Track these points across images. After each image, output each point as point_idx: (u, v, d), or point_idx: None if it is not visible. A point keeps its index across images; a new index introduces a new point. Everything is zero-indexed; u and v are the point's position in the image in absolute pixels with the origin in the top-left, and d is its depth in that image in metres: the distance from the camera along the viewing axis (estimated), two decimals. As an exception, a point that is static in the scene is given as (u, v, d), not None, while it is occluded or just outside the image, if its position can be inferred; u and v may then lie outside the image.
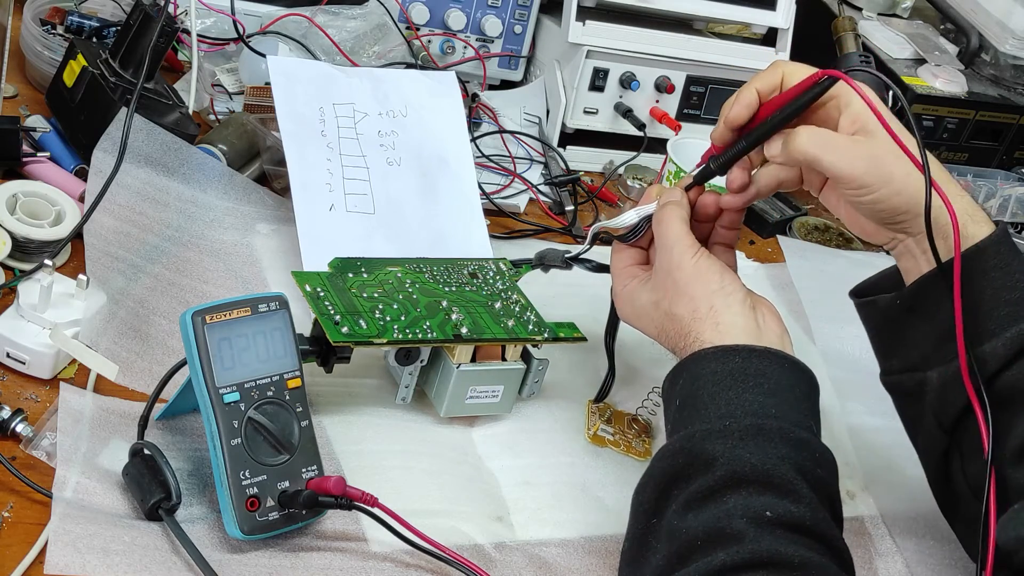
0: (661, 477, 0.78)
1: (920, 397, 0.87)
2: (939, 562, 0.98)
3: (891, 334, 0.90)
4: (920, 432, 0.89)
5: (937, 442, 0.87)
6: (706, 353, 0.82)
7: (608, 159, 1.40)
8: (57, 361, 0.88)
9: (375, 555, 0.83)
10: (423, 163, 1.14)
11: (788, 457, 0.75)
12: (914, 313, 0.87)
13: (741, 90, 0.89)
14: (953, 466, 0.87)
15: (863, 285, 0.94)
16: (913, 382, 0.88)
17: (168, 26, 1.06)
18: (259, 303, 0.82)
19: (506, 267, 1.02)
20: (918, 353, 0.87)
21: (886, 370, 0.92)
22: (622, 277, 0.92)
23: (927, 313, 0.86)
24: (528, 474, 0.94)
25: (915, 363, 0.88)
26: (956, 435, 0.86)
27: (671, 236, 0.87)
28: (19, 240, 0.96)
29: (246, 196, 1.11)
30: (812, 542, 0.72)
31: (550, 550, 0.88)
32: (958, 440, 0.86)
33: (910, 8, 1.69)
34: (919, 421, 0.89)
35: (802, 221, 1.42)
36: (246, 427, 0.80)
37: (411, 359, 0.93)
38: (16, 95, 1.17)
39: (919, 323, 0.87)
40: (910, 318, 0.88)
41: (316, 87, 1.12)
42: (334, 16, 1.30)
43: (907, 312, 0.88)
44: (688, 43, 1.38)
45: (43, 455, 0.82)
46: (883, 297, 0.90)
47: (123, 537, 0.77)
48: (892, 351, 0.91)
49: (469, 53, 1.40)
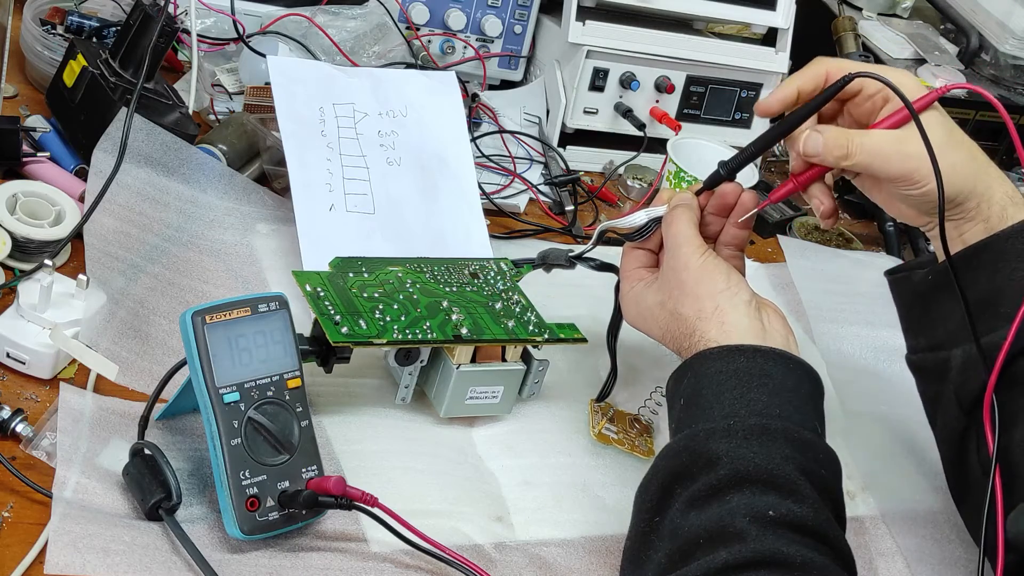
0: (664, 475, 0.78)
1: (943, 376, 0.88)
2: (939, 562, 0.98)
3: (921, 310, 0.91)
4: (939, 411, 0.90)
5: (956, 422, 0.88)
6: (711, 352, 0.82)
7: (608, 159, 1.39)
8: (57, 361, 0.88)
9: (375, 555, 0.83)
10: (423, 163, 1.14)
11: (792, 457, 0.75)
12: (944, 291, 0.88)
13: (783, 84, 0.89)
14: (969, 447, 0.87)
15: (900, 267, 0.96)
16: (937, 360, 0.89)
17: (168, 26, 1.06)
18: (259, 303, 0.82)
19: (507, 267, 1.02)
20: (944, 331, 0.88)
21: (912, 348, 0.93)
22: (630, 279, 0.92)
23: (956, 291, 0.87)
24: (528, 474, 0.94)
25: (941, 341, 0.89)
26: (975, 415, 0.86)
27: (679, 236, 0.88)
28: (19, 240, 0.96)
29: (246, 196, 1.10)
30: (815, 542, 0.72)
31: (550, 550, 0.88)
32: (977, 420, 0.86)
33: (910, 8, 1.69)
34: (939, 400, 0.89)
35: (802, 221, 1.41)
36: (246, 427, 0.80)
37: (411, 359, 0.93)
38: (16, 95, 1.17)
39: (948, 301, 0.88)
40: (940, 295, 0.88)
41: (316, 87, 1.12)
42: (334, 16, 1.30)
43: (937, 289, 0.89)
44: (688, 43, 1.38)
45: (43, 455, 0.82)
46: (917, 272, 0.92)
47: (123, 537, 0.77)
48: (920, 329, 0.92)
49: (469, 53, 1.40)
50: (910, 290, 0.92)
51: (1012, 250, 0.84)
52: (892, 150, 0.85)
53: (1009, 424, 0.83)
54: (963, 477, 0.89)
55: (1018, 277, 0.84)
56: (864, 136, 0.86)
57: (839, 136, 0.86)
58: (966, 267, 0.86)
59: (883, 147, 0.85)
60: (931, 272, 0.90)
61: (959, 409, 0.87)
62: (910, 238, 1.42)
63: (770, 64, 1.41)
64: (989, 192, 0.86)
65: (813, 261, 1.33)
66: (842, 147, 0.86)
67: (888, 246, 1.41)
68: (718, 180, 0.91)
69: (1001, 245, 0.84)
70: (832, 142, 0.86)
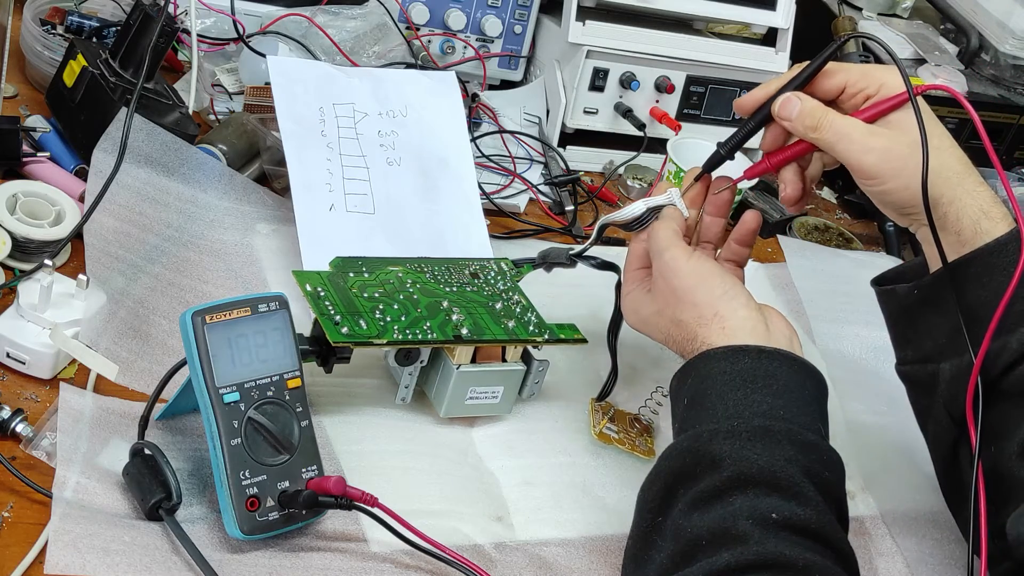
0: (667, 476, 0.78)
1: (932, 388, 0.88)
2: (939, 562, 0.98)
3: (908, 324, 0.91)
4: (931, 422, 0.90)
5: (947, 433, 0.87)
6: (715, 353, 0.82)
7: (608, 159, 1.39)
8: (57, 361, 0.88)
9: (375, 555, 0.83)
10: (423, 163, 1.14)
11: (795, 459, 0.75)
12: (930, 305, 0.88)
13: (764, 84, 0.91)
14: (962, 458, 0.87)
15: (888, 274, 0.95)
16: (926, 373, 0.89)
17: (168, 26, 1.06)
18: (259, 303, 0.82)
19: (508, 267, 1.02)
20: (932, 344, 0.88)
21: (901, 360, 0.93)
22: (630, 280, 0.92)
23: (942, 306, 0.87)
24: (528, 474, 0.94)
25: (929, 354, 0.88)
26: (966, 426, 0.86)
27: (661, 241, 0.88)
28: (19, 240, 0.96)
29: (246, 196, 1.10)
30: (817, 545, 0.72)
31: (550, 550, 0.88)
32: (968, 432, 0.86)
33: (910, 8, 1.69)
34: (930, 411, 0.89)
35: (802, 221, 1.42)
36: (246, 427, 0.80)
37: (411, 359, 0.93)
38: (16, 95, 1.17)
39: (934, 315, 0.88)
40: (926, 309, 0.88)
41: (316, 87, 1.12)
42: (334, 16, 1.30)
43: (923, 303, 0.88)
44: (688, 43, 1.38)
45: (43, 455, 0.82)
46: (902, 287, 0.91)
47: (123, 537, 0.77)
48: (907, 341, 0.92)
49: (469, 53, 1.40)
50: (896, 303, 0.92)
51: (997, 264, 0.84)
52: (858, 138, 0.85)
53: (1000, 436, 0.83)
54: (958, 488, 0.89)
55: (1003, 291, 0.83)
56: (838, 117, 0.86)
57: (815, 109, 0.87)
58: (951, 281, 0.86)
59: (851, 132, 0.85)
60: (916, 287, 0.89)
61: (950, 421, 0.87)
62: (910, 238, 1.42)
63: (770, 64, 1.41)
64: (958, 203, 0.85)
65: (813, 261, 1.33)
66: (815, 119, 0.86)
67: (888, 246, 1.41)
68: (718, 161, 0.92)
69: (986, 259, 0.84)
70: (806, 112, 0.87)
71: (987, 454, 0.83)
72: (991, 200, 0.86)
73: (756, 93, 0.91)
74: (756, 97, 0.90)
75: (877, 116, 0.86)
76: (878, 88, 0.87)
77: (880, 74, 0.87)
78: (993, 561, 0.81)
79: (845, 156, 0.86)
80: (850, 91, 0.88)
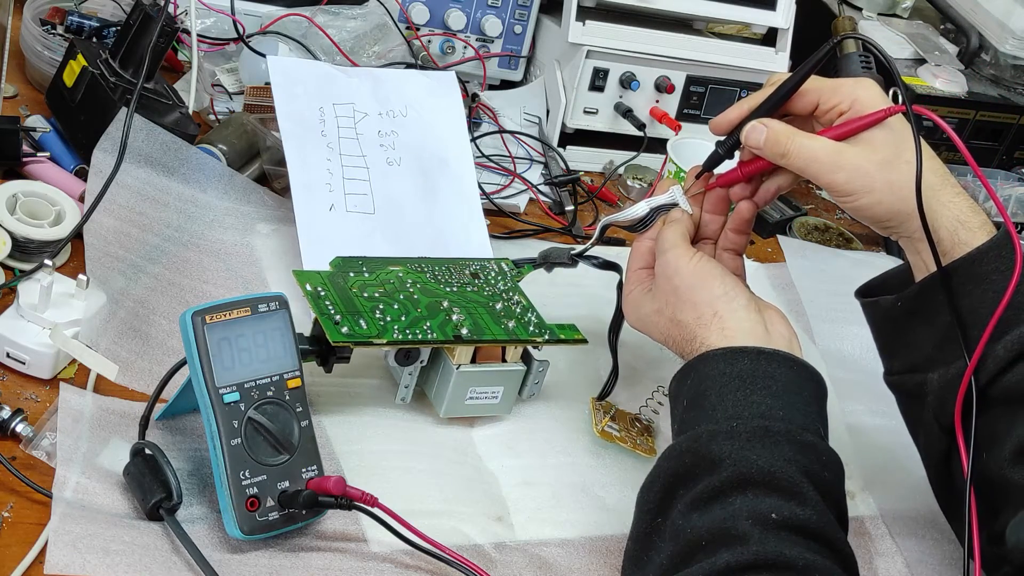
0: (667, 476, 0.78)
1: (921, 398, 0.88)
2: (939, 562, 0.98)
3: (893, 335, 0.91)
4: (921, 432, 0.90)
5: (938, 442, 0.87)
6: (715, 354, 0.82)
7: (608, 159, 1.40)
8: (57, 361, 0.88)
9: (375, 555, 0.83)
10: (423, 163, 1.14)
11: (795, 460, 0.75)
12: (915, 316, 0.88)
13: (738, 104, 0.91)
14: (954, 466, 0.87)
15: (871, 284, 0.95)
16: (914, 383, 0.88)
17: (168, 26, 1.06)
18: (259, 303, 0.82)
19: (508, 267, 1.02)
20: (920, 354, 0.88)
21: (889, 370, 0.93)
22: (631, 281, 0.92)
23: (928, 316, 0.86)
24: (528, 474, 0.94)
25: (917, 364, 0.88)
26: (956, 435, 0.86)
27: (666, 242, 0.88)
28: (19, 240, 0.96)
29: (246, 196, 1.10)
30: (817, 545, 0.72)
31: (550, 550, 0.88)
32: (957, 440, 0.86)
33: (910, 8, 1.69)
34: (920, 421, 0.89)
35: (802, 221, 1.42)
36: (246, 427, 0.80)
37: (411, 359, 0.93)
38: (16, 95, 1.17)
39: (920, 326, 0.87)
40: (911, 320, 0.88)
41: (316, 87, 1.12)
42: (334, 16, 1.30)
43: (908, 315, 0.88)
44: (688, 43, 1.38)
45: (43, 455, 0.82)
46: (885, 299, 0.91)
47: (123, 537, 0.77)
48: (895, 352, 0.91)
49: (469, 53, 1.40)
50: (881, 315, 0.92)
51: (978, 273, 0.84)
52: (827, 159, 0.85)
53: (991, 444, 0.83)
54: (951, 494, 0.89)
55: (988, 300, 0.83)
56: (806, 139, 0.86)
57: (780, 135, 0.86)
58: (934, 291, 0.85)
59: (819, 154, 0.85)
60: (900, 299, 0.89)
61: (940, 430, 0.87)
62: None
63: (770, 64, 1.41)
64: (933, 215, 0.85)
65: (813, 261, 1.33)
66: (782, 145, 0.86)
67: (888, 246, 1.41)
68: (717, 160, 0.92)
69: (968, 269, 0.84)
70: (773, 138, 0.86)
71: (979, 461, 0.83)
72: (969, 209, 0.86)
73: (730, 114, 0.91)
74: (729, 119, 0.90)
75: (850, 134, 0.86)
76: (851, 104, 0.86)
77: (850, 89, 0.87)
78: (991, 566, 0.81)
79: (816, 178, 0.86)
80: (823, 107, 0.88)
